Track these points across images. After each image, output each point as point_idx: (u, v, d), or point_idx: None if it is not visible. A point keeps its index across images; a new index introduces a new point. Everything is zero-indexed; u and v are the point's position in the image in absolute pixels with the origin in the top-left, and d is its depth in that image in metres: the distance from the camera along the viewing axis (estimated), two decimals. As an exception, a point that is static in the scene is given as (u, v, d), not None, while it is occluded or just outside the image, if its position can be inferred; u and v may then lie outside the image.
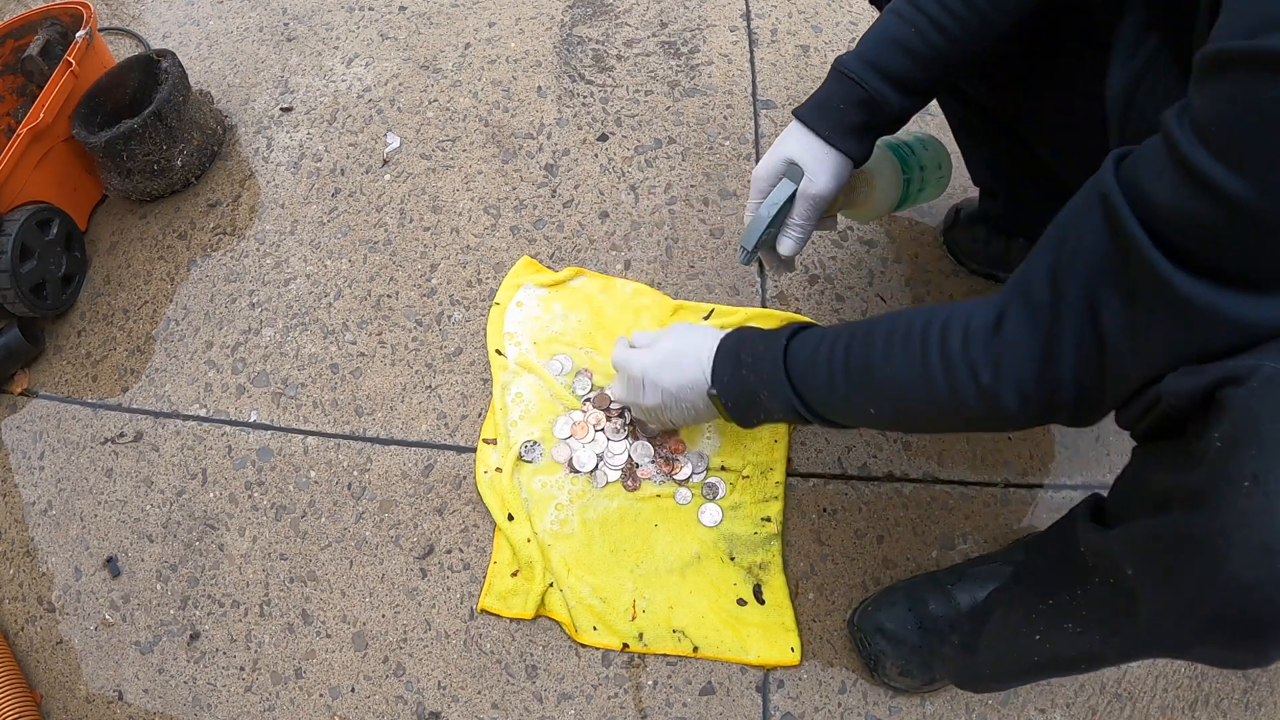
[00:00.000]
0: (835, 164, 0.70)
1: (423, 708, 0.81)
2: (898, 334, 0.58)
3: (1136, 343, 0.44)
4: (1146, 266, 0.41)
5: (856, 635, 0.79)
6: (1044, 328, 0.48)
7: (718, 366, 0.72)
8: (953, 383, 0.53)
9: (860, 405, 0.61)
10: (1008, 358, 0.50)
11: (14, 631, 0.90)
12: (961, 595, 0.75)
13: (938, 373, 0.54)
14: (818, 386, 0.63)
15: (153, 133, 1.05)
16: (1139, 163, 0.44)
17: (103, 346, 1.05)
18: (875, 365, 0.58)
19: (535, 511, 0.87)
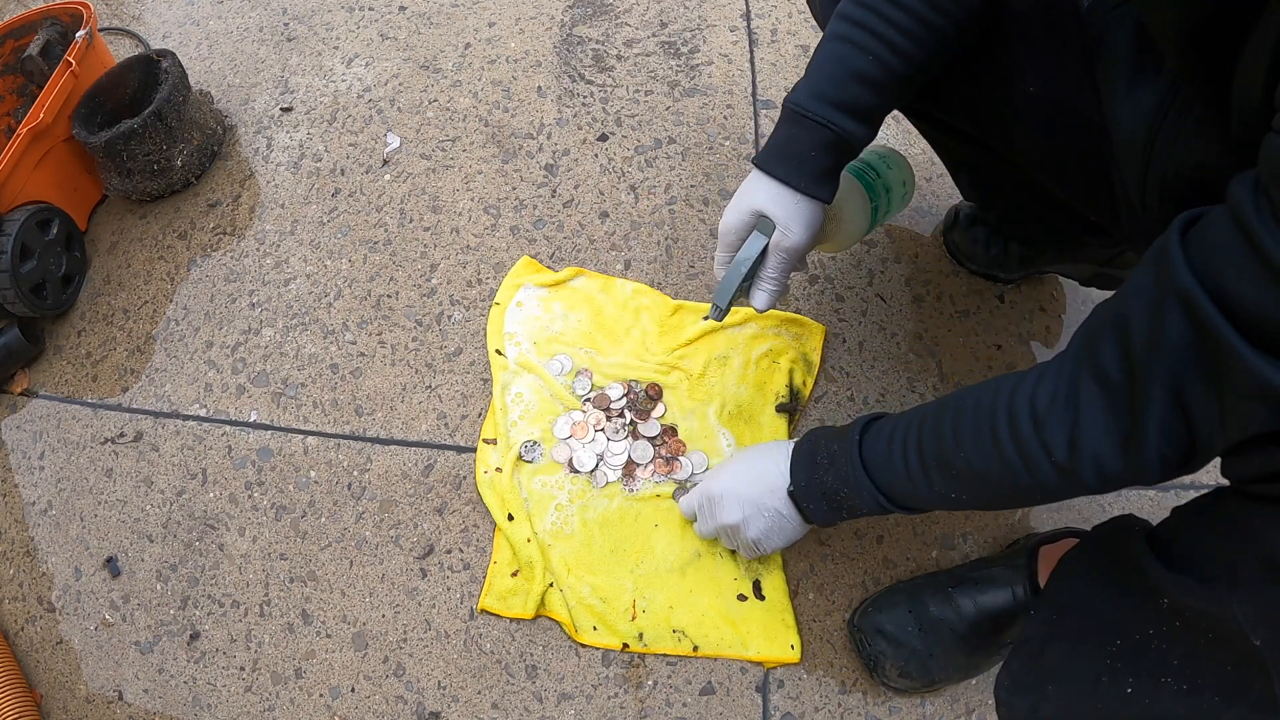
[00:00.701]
0: (808, 213, 0.68)
1: (423, 708, 0.81)
2: (966, 421, 0.57)
3: (1229, 425, 0.43)
4: (1245, 370, 0.40)
5: (856, 636, 0.79)
6: (1124, 409, 0.47)
7: (795, 472, 0.70)
8: (1030, 465, 0.52)
9: (943, 495, 0.60)
10: (1084, 438, 0.49)
11: (14, 631, 0.90)
12: (963, 599, 0.75)
13: (1014, 458, 0.53)
14: (898, 482, 0.62)
15: (153, 133, 1.05)
16: (1215, 253, 0.41)
17: (103, 346, 1.05)
18: (950, 456, 0.57)
19: (535, 511, 0.87)
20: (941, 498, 0.60)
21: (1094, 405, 0.48)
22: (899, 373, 0.95)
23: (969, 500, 0.59)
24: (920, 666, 0.76)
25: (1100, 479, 0.50)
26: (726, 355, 0.94)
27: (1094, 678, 0.54)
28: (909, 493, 0.62)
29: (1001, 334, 0.98)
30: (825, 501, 0.68)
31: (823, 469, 0.67)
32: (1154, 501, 0.89)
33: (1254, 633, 0.43)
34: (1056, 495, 0.55)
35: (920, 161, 1.07)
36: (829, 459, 0.67)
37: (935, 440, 0.59)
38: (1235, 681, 0.46)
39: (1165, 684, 0.50)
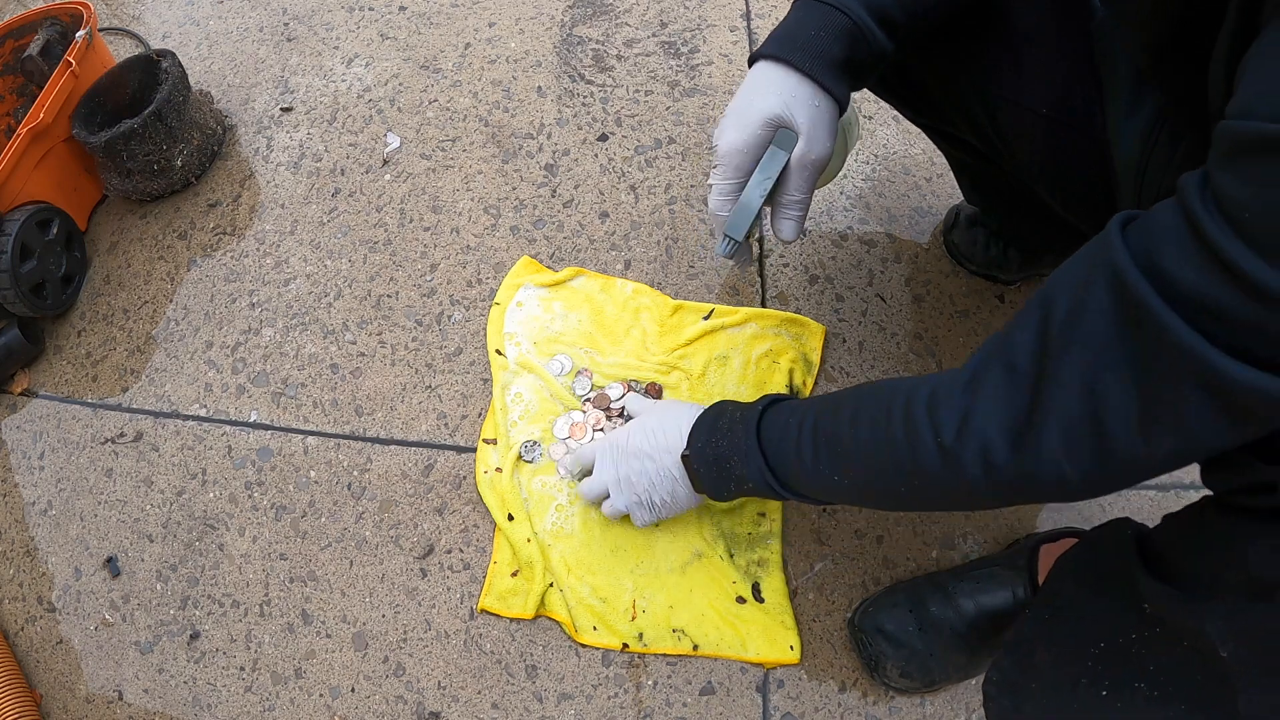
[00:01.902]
0: (830, 117, 0.58)
1: (423, 708, 0.81)
2: (865, 401, 0.55)
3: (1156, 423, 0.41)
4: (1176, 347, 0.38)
5: (857, 636, 0.79)
6: (1024, 400, 0.45)
7: (694, 433, 0.70)
8: (913, 444, 0.50)
9: (826, 475, 0.58)
10: (975, 421, 0.47)
11: (14, 631, 0.90)
12: (963, 599, 0.75)
13: (899, 433, 0.51)
14: (786, 458, 0.61)
15: (153, 133, 1.05)
16: (1154, 236, 0.40)
17: (103, 346, 1.05)
18: (840, 434, 0.56)
19: (535, 511, 0.87)
20: (824, 479, 0.59)
21: (994, 388, 0.46)
22: (899, 373, 0.95)
23: (849, 486, 0.57)
24: (921, 666, 0.76)
25: (986, 471, 0.47)
26: (726, 355, 0.94)
27: (1074, 680, 0.54)
28: (795, 471, 0.61)
29: (1001, 334, 0.98)
30: (715, 468, 0.67)
31: (720, 434, 0.67)
32: (1154, 503, 0.89)
33: (1222, 645, 0.43)
34: (938, 488, 0.51)
35: (920, 161, 1.07)
36: (728, 425, 0.67)
37: (831, 418, 0.58)
38: (1204, 693, 0.45)
39: (1139, 690, 0.49)
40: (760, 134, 0.59)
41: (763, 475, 0.63)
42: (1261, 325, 0.36)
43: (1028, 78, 0.64)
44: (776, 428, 0.63)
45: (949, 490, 0.51)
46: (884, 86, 0.74)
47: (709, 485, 0.69)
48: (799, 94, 0.57)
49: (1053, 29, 0.63)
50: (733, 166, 0.61)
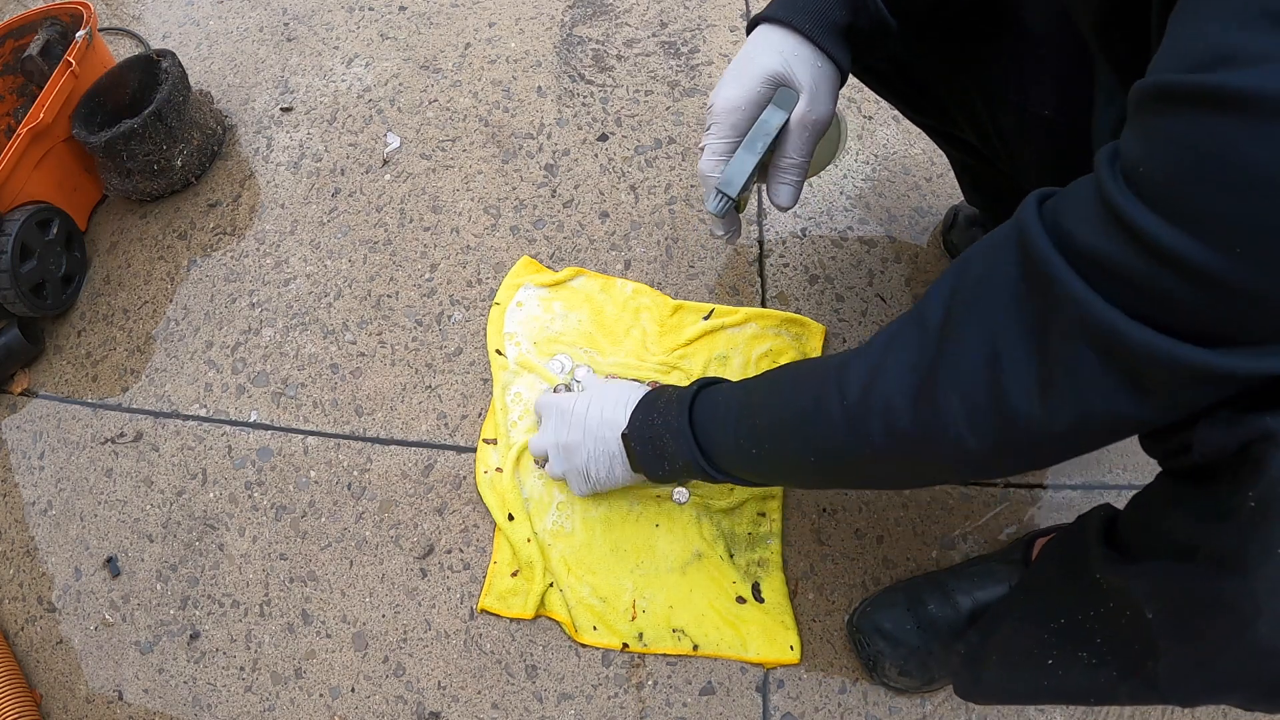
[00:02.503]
0: (832, 80, 0.57)
1: (423, 708, 0.81)
2: (787, 372, 0.56)
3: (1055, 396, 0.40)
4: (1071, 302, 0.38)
5: (855, 636, 0.79)
6: (928, 358, 0.44)
7: (634, 412, 0.71)
8: (819, 406, 0.49)
9: (746, 449, 0.58)
10: (880, 382, 0.46)
11: (14, 631, 0.90)
12: (961, 596, 0.75)
13: (806, 400, 0.50)
14: (714, 434, 0.62)
15: (153, 133, 1.05)
16: (1065, 203, 0.40)
17: (103, 346, 1.05)
18: (759, 405, 0.56)
19: (535, 511, 0.87)
20: (745, 455, 0.59)
21: (902, 348, 0.45)
22: (899, 373, 0.95)
23: (765, 459, 0.57)
24: (919, 665, 0.76)
25: (888, 433, 0.46)
26: (726, 355, 0.94)
27: (1026, 649, 0.55)
28: (721, 448, 0.62)
29: (1001, 334, 0.98)
30: (650, 447, 0.68)
31: (656, 413, 0.68)
32: (1154, 501, 0.89)
33: (1147, 606, 0.43)
34: (843, 456, 0.50)
35: (920, 161, 1.07)
36: (664, 405, 0.68)
37: (758, 393, 0.58)
38: (1131, 655, 0.46)
39: (1080, 658, 0.50)
40: (759, 91, 0.57)
41: (693, 454, 0.64)
42: (1158, 285, 0.35)
43: (1030, 79, 0.64)
44: (707, 407, 0.64)
45: (854, 459, 0.50)
46: (886, 85, 0.74)
47: (644, 464, 0.70)
48: (801, 54, 0.56)
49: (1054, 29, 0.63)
50: (729, 125, 0.59)
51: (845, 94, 1.09)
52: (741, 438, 0.58)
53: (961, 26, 0.65)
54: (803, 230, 1.05)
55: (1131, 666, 0.46)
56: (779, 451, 0.55)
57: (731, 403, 0.61)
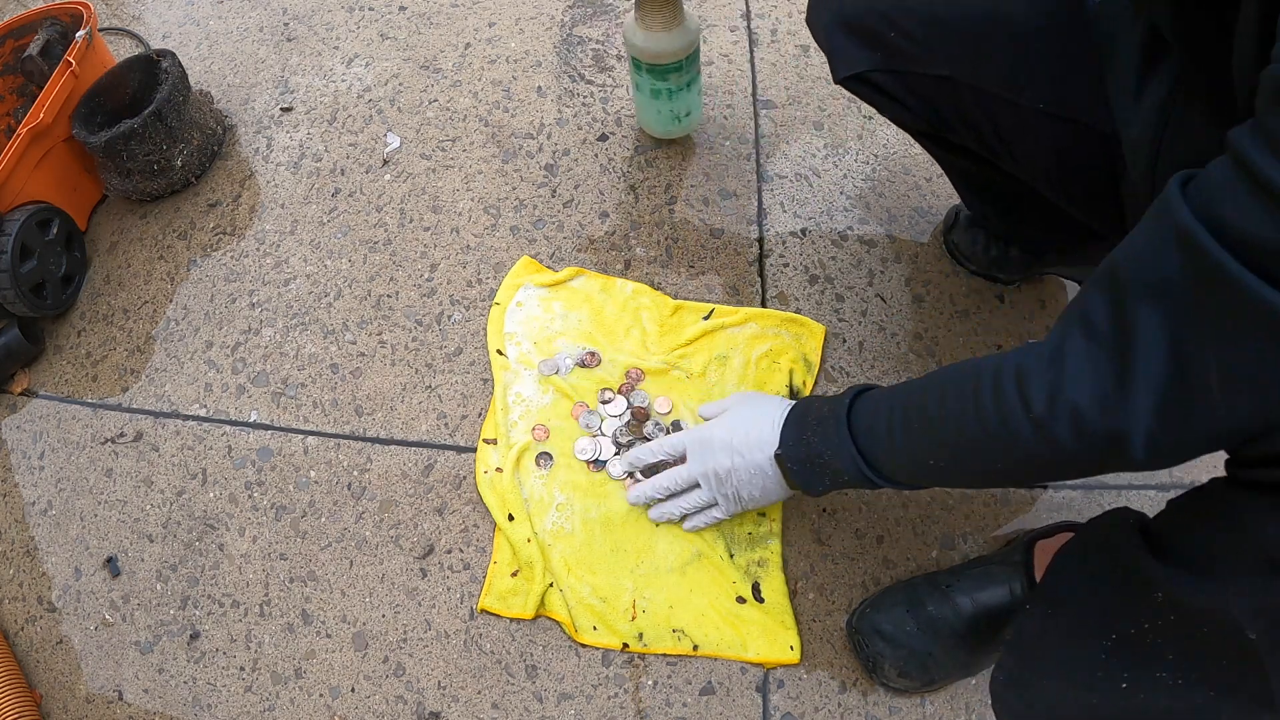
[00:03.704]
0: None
1: (423, 708, 0.81)
2: (952, 381, 0.56)
3: (1234, 389, 0.41)
4: (1247, 301, 0.38)
5: (855, 637, 0.79)
6: (1112, 367, 0.45)
7: (785, 430, 0.71)
8: (1005, 419, 0.50)
9: (920, 459, 0.59)
10: (1065, 392, 0.47)
11: (14, 631, 0.90)
12: (961, 597, 0.75)
13: (990, 413, 0.51)
14: (879, 446, 0.62)
15: (153, 133, 1.05)
16: (1212, 191, 0.40)
17: (103, 346, 1.05)
18: (931, 414, 0.57)
19: (535, 511, 0.87)
20: (919, 464, 0.59)
21: (1078, 358, 0.46)
22: (899, 373, 0.95)
23: (945, 467, 0.58)
24: (919, 666, 0.76)
25: (1077, 436, 0.47)
26: (726, 355, 0.94)
27: (1089, 671, 0.54)
28: (889, 458, 0.62)
29: (1001, 334, 0.98)
30: (809, 465, 0.67)
31: (811, 430, 0.67)
32: (1153, 500, 0.89)
33: (1250, 626, 0.42)
34: (1034, 461, 0.52)
35: (920, 161, 1.07)
36: (818, 421, 0.67)
37: (920, 401, 0.58)
38: (1230, 676, 0.45)
39: (1160, 679, 0.49)
40: None
41: (857, 466, 0.64)
42: None
43: (1023, 75, 0.65)
44: (865, 418, 0.64)
45: (1045, 462, 0.52)
46: (880, 92, 0.75)
47: (802, 481, 0.69)
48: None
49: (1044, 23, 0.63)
50: None
51: (843, 93, 1.09)
52: (915, 449, 0.59)
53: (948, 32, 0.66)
54: (803, 230, 1.05)
55: (1232, 685, 0.45)
56: (960, 461, 0.57)
57: (895, 414, 0.60)
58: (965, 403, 0.54)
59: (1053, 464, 0.52)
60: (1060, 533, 0.77)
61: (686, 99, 1.03)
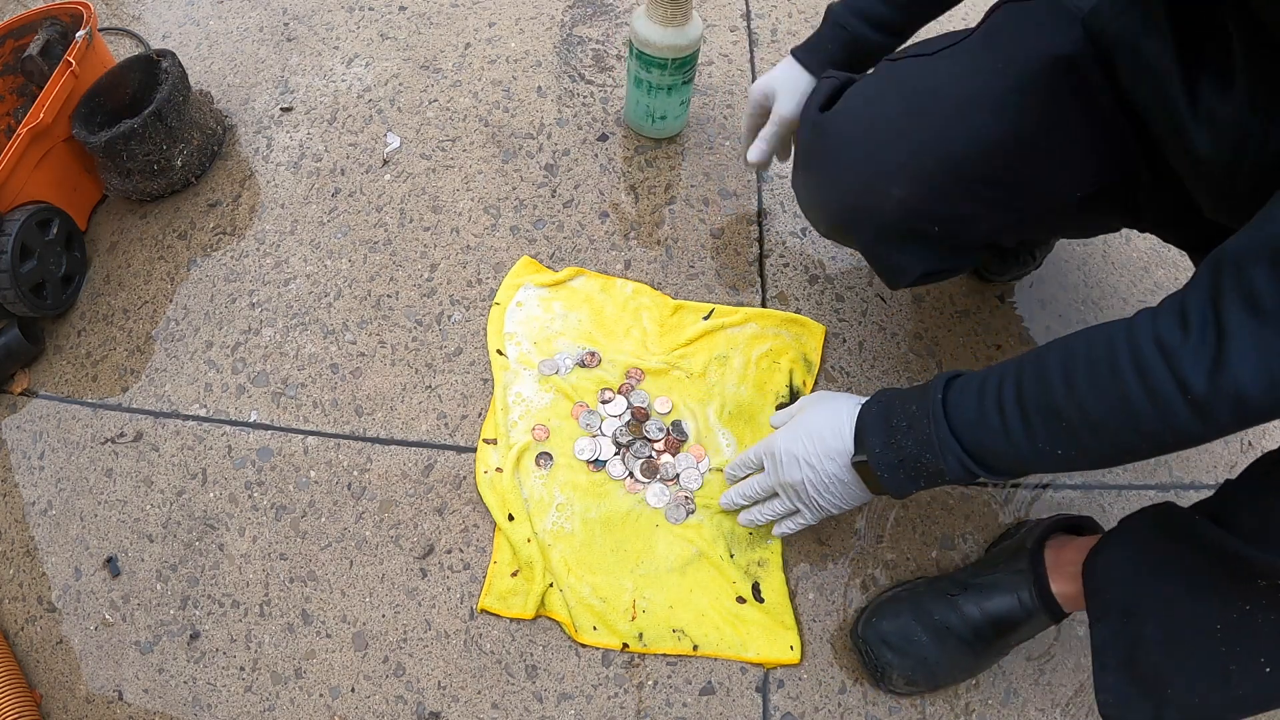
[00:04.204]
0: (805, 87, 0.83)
1: (423, 708, 0.81)
2: (1079, 363, 0.52)
3: None
4: None
5: (861, 646, 0.78)
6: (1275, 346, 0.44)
7: (867, 435, 0.65)
8: (1156, 400, 0.48)
9: (1047, 452, 0.54)
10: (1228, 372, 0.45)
11: (14, 631, 0.90)
12: (968, 605, 0.74)
13: (1137, 393, 0.49)
14: (992, 439, 0.57)
15: (153, 133, 1.05)
16: None
17: (103, 346, 1.05)
18: (1060, 404, 0.53)
19: (535, 511, 0.87)
20: (1044, 455, 0.55)
21: (1243, 335, 0.45)
22: (899, 373, 0.95)
23: (1078, 456, 0.54)
24: (927, 674, 0.76)
25: (1240, 418, 0.46)
26: (726, 355, 0.94)
27: (1218, 667, 0.53)
28: (1005, 452, 0.57)
29: (1001, 334, 0.98)
30: (903, 470, 0.62)
31: (900, 432, 0.62)
32: (1152, 499, 0.89)
33: None
34: (1185, 440, 0.50)
35: (920, 161, 1.07)
36: (907, 421, 0.62)
37: (1039, 386, 0.54)
38: None
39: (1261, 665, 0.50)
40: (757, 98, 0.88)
41: (962, 464, 0.59)
42: None
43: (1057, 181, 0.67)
44: (968, 411, 0.58)
45: (1193, 439, 0.50)
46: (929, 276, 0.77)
47: (893, 486, 0.63)
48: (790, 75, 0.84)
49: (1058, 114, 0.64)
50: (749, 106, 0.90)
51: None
52: (1039, 440, 0.54)
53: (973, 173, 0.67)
54: (803, 230, 1.05)
55: None
56: (1098, 449, 0.53)
57: (1007, 403, 0.56)
58: (1102, 387, 0.50)
59: (1200, 439, 0.50)
60: (1059, 533, 0.76)
61: (665, 101, 1.04)
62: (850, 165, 0.69)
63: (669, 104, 1.05)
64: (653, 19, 0.95)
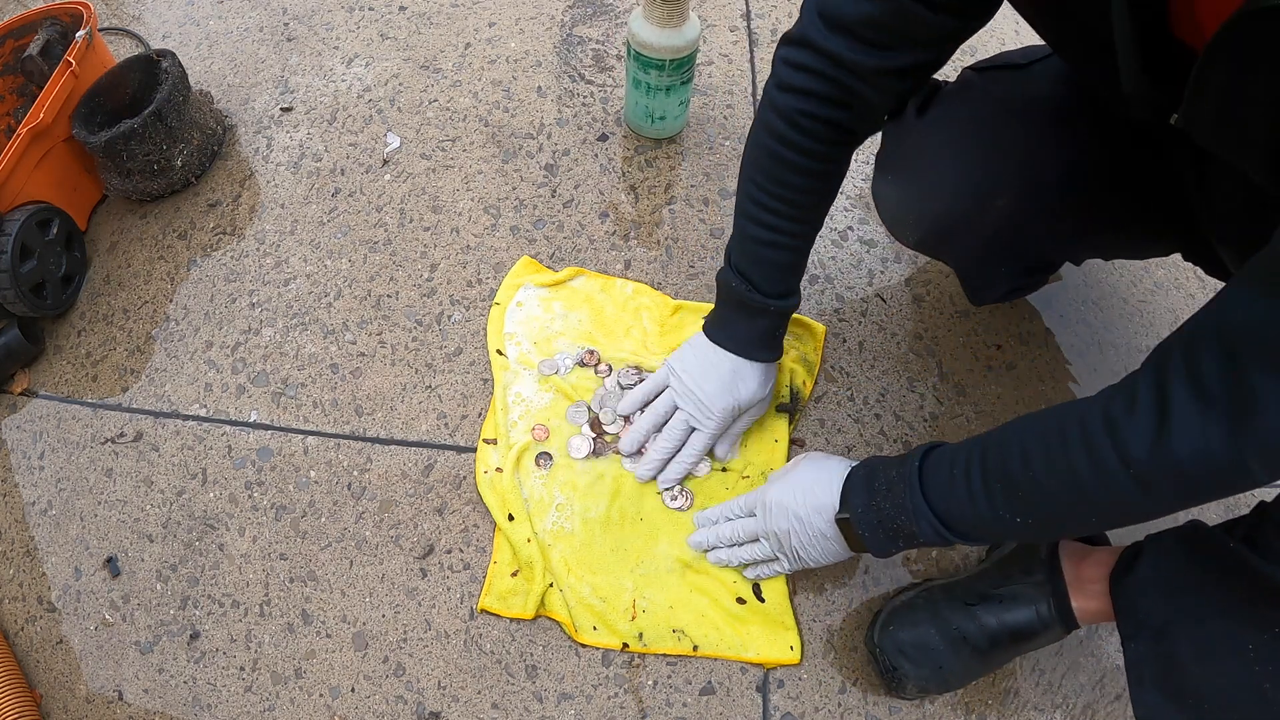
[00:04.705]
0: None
1: (423, 708, 0.81)
2: (1033, 437, 0.56)
3: None
4: None
5: (878, 655, 0.78)
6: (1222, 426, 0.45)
7: (852, 495, 0.69)
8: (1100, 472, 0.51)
9: (1006, 519, 0.58)
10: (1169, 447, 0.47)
11: (14, 631, 0.90)
12: (986, 616, 0.74)
13: (1083, 467, 0.51)
14: (958, 507, 0.61)
15: (153, 133, 1.05)
16: None
17: (103, 346, 1.05)
18: (1016, 475, 0.56)
19: (535, 512, 0.87)
20: (1004, 523, 0.58)
21: (1184, 413, 0.46)
22: (899, 373, 0.95)
23: (1034, 525, 0.57)
24: (940, 682, 0.75)
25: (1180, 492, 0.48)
26: (726, 355, 0.94)
27: (1252, 686, 0.55)
28: (970, 519, 0.61)
29: (1001, 334, 0.98)
30: (881, 530, 0.66)
31: (880, 495, 0.66)
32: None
33: None
34: (1131, 513, 0.53)
35: (920, 161, 1.07)
36: (886, 486, 0.66)
37: (1000, 460, 0.58)
38: None
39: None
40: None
41: (934, 529, 0.63)
42: None
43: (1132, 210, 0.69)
44: (940, 480, 0.63)
45: (1141, 512, 0.52)
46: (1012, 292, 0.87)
47: (873, 545, 0.68)
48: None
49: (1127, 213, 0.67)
50: None
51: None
52: (999, 509, 0.58)
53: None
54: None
55: None
56: (1051, 518, 0.57)
57: (974, 475, 0.59)
58: (1054, 461, 0.53)
59: (1147, 513, 0.53)
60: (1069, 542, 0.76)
61: (664, 102, 1.04)
62: (946, 172, 0.68)
63: (668, 104, 1.05)
64: (650, 20, 0.95)
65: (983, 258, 0.73)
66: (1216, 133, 0.47)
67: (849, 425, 0.92)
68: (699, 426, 0.84)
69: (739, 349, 0.81)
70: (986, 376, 0.95)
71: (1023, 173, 0.66)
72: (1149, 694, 0.62)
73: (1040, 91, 0.68)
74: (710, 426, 0.83)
